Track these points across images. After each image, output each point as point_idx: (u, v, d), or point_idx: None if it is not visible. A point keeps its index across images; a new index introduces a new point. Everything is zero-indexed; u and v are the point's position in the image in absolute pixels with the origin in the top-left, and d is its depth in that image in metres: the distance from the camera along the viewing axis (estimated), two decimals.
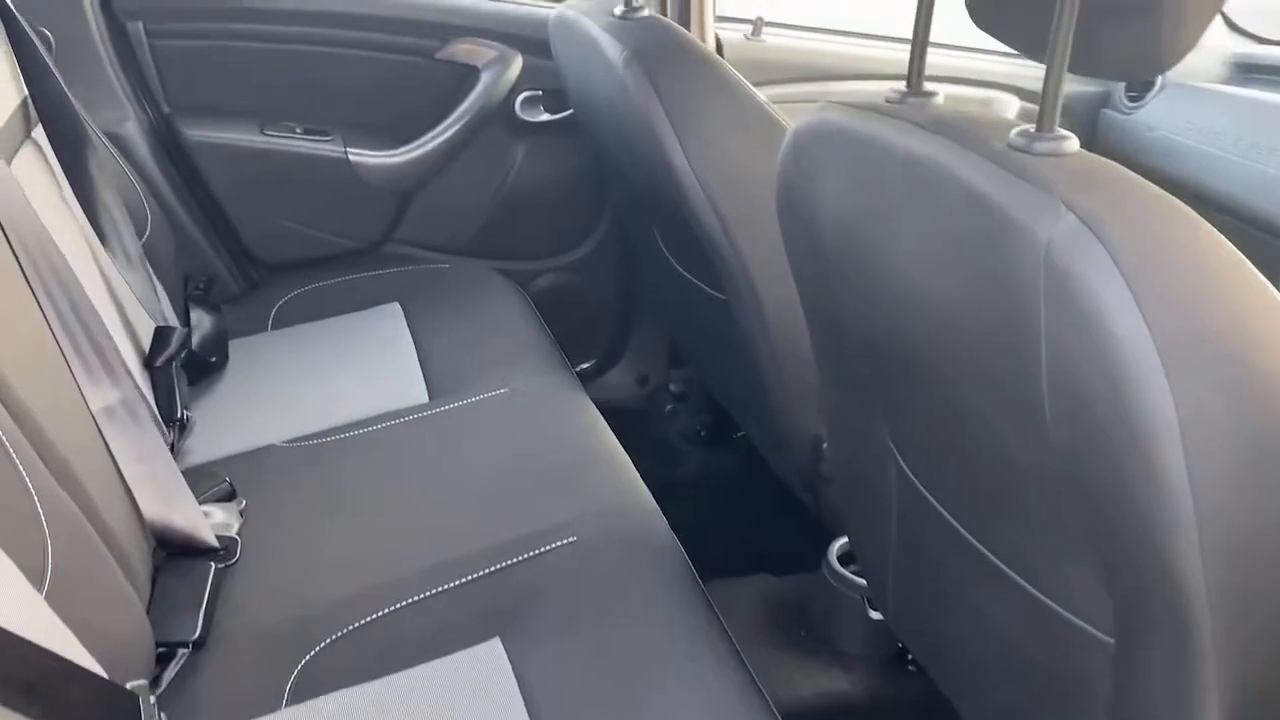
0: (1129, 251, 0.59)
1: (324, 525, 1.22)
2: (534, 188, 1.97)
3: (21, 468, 0.87)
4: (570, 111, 1.84)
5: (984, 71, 2.02)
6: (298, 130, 1.83)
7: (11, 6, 1.37)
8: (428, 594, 1.09)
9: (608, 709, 0.96)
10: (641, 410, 2.16)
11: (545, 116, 1.92)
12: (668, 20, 1.44)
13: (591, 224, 2.03)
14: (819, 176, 0.92)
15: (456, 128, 1.87)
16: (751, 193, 1.27)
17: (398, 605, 1.08)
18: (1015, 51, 0.81)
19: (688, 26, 1.88)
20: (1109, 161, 0.67)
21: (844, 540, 1.48)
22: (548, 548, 1.13)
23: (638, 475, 1.30)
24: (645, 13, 1.43)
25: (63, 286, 1.10)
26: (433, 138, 1.87)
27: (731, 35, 1.96)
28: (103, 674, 0.88)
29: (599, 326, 2.11)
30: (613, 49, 1.35)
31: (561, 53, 1.64)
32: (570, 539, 1.14)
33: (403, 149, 1.87)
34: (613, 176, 1.80)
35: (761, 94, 1.31)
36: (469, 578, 1.10)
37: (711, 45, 1.92)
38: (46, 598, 0.85)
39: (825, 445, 1.32)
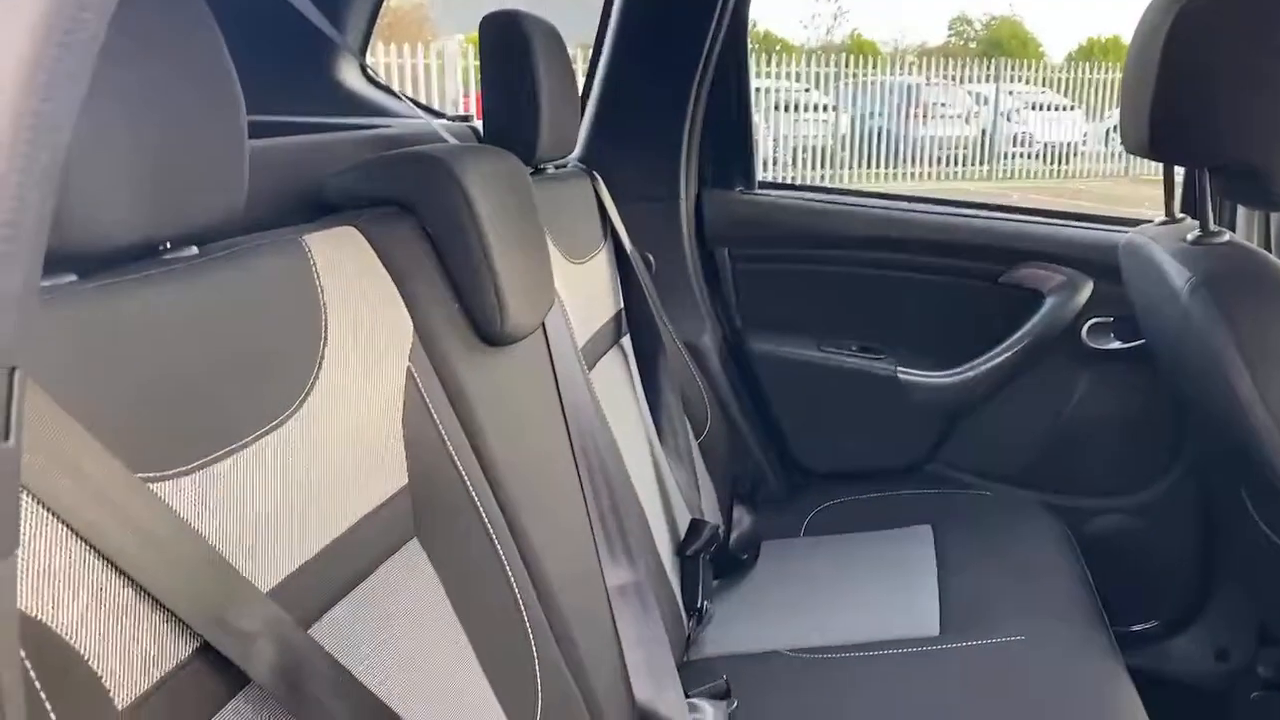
0: None
1: None
2: (1098, 420, 1.81)
3: (531, 633, 0.98)
4: (1143, 341, 1.69)
5: None
6: (852, 347, 1.90)
7: (623, 235, 1.64)
8: None
9: None
10: (1218, 692, 1.81)
11: (1116, 344, 1.78)
12: (1252, 246, 1.27)
13: (1163, 465, 1.80)
14: None
15: (1013, 352, 1.81)
16: None
17: None
18: None
19: None
20: None
21: None
22: None
23: None
24: (1225, 238, 1.28)
25: (605, 475, 1.23)
26: (986, 361, 1.82)
27: None
28: None
29: (1167, 584, 1.83)
30: (1178, 276, 1.22)
31: (1131, 279, 1.52)
32: None
33: (953, 371, 1.84)
34: (1189, 415, 1.60)
35: None
36: None
37: None
38: None
39: None
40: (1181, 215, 1.47)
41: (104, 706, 0.55)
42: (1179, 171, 1.46)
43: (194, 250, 0.76)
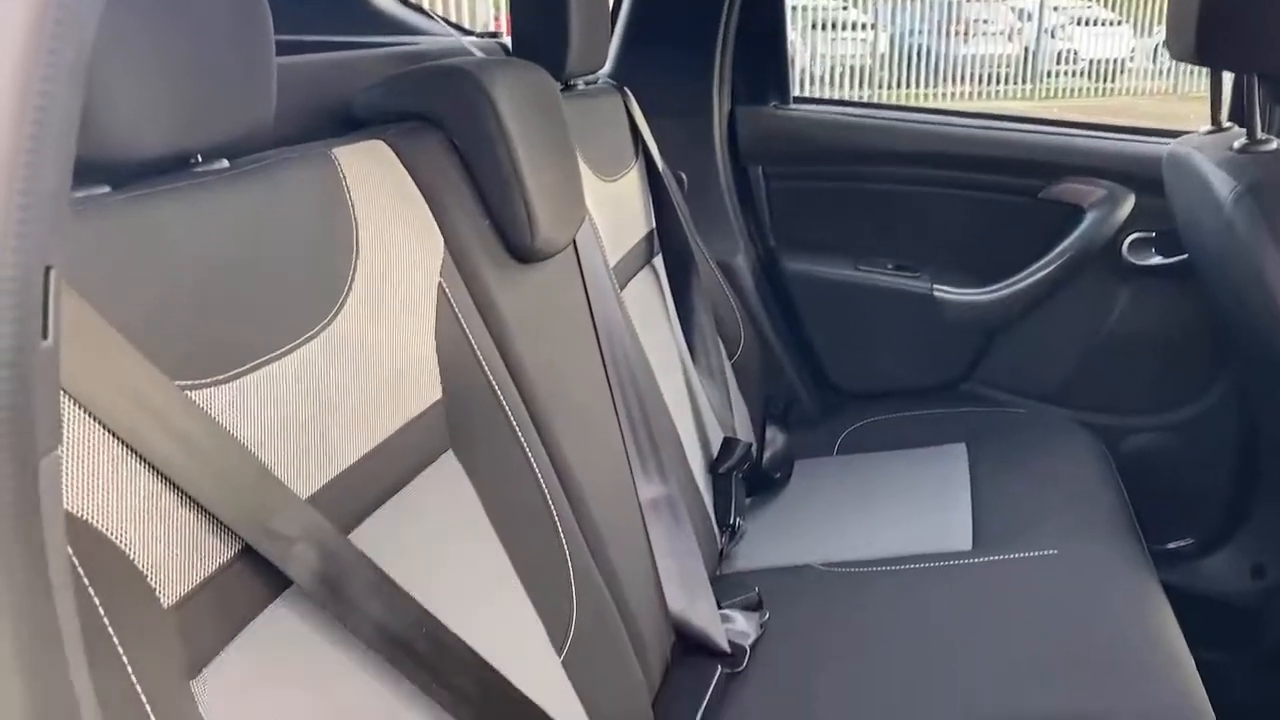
0: None
1: (836, 656, 1.20)
2: (1137, 336, 1.79)
3: (565, 542, 1.00)
4: (1185, 256, 1.66)
5: None
6: (888, 265, 1.88)
7: (655, 153, 1.62)
8: None
9: None
10: (1252, 609, 1.81)
11: (1157, 260, 1.75)
12: None
13: (1204, 383, 1.77)
14: None
15: (1052, 268, 1.78)
16: None
17: None
18: None
19: None
20: None
21: None
22: None
23: (1197, 678, 1.09)
24: (1273, 146, 1.24)
25: (637, 392, 1.24)
26: (1025, 277, 1.80)
27: None
28: None
29: (1203, 501, 1.82)
30: (1223, 186, 1.19)
31: (1174, 191, 1.49)
32: None
33: (990, 288, 1.82)
34: (1231, 331, 1.57)
35: None
36: None
37: None
38: (563, 662, 0.95)
39: None
40: (1228, 124, 1.43)
41: (150, 603, 0.57)
42: (1226, 78, 1.42)
43: (225, 163, 0.77)
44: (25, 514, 0.38)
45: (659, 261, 1.59)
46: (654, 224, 1.59)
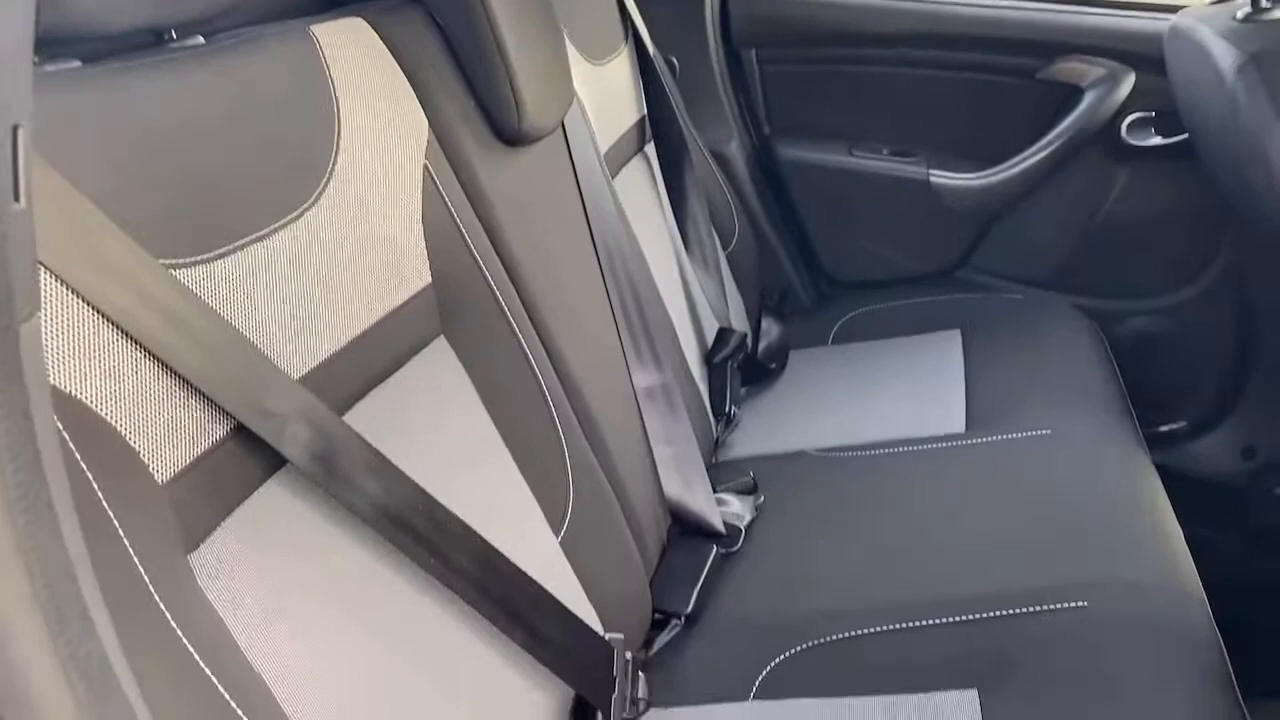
0: None
1: (831, 535, 1.22)
2: (1133, 219, 1.77)
3: (560, 427, 1.00)
4: (1185, 136, 1.63)
5: None
6: (884, 151, 1.85)
7: (645, 37, 1.58)
8: (912, 625, 1.03)
9: None
10: (1241, 488, 1.83)
11: (1156, 140, 1.72)
12: None
13: (1200, 265, 1.76)
14: None
15: (1049, 150, 1.75)
16: None
17: (879, 629, 1.04)
18: None
19: None
20: None
21: None
22: (1051, 607, 1.01)
23: (1186, 552, 1.10)
24: (1279, 13, 1.21)
25: (631, 282, 1.23)
26: (1021, 160, 1.77)
27: None
28: (596, 620, 0.97)
29: (1197, 384, 1.83)
30: (1225, 56, 1.16)
31: (1175, 67, 1.46)
32: (1080, 603, 1.00)
33: (987, 172, 1.80)
34: (1230, 213, 1.55)
35: None
36: (958, 618, 1.02)
37: None
38: (560, 543, 0.97)
39: None
40: None
41: (144, 479, 0.57)
42: None
43: (200, 40, 0.74)
44: (8, 379, 0.38)
45: (651, 149, 1.57)
46: (645, 110, 1.56)
